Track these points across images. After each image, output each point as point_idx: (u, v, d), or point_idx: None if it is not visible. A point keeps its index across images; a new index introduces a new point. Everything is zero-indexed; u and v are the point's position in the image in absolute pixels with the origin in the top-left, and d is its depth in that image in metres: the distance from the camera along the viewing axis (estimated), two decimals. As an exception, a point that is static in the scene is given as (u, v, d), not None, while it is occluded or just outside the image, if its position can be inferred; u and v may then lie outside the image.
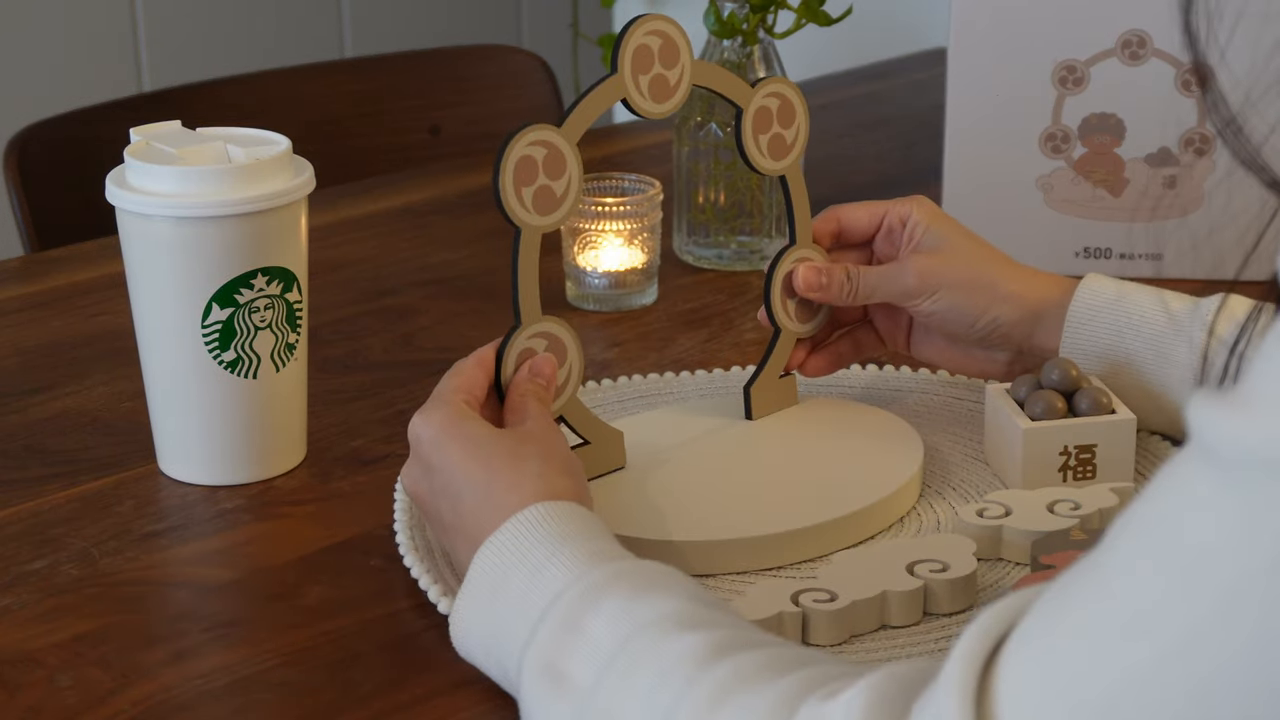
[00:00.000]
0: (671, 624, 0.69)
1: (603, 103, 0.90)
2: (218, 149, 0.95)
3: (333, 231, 1.39)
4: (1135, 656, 0.51)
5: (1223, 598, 0.49)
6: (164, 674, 0.80)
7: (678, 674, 0.67)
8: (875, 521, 0.91)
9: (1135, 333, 0.97)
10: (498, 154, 0.86)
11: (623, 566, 0.73)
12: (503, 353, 0.88)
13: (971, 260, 0.99)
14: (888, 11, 2.28)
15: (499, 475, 0.79)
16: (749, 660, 0.66)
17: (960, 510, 0.90)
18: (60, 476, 0.99)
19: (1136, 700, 0.51)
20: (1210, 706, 0.50)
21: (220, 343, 0.94)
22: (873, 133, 1.68)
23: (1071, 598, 0.54)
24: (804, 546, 0.88)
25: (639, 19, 0.91)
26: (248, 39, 2.44)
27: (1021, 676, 0.55)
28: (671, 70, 0.92)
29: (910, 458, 0.94)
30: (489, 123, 1.78)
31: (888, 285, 0.99)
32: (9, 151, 1.49)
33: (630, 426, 0.97)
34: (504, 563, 0.76)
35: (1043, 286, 0.99)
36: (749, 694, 0.64)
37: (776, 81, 0.98)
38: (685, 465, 0.95)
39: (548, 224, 0.88)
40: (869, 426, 0.99)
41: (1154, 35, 1.22)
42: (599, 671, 0.69)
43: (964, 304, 0.98)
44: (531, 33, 2.72)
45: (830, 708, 0.61)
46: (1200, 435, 0.50)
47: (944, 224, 1.00)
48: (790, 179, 1.00)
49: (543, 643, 0.71)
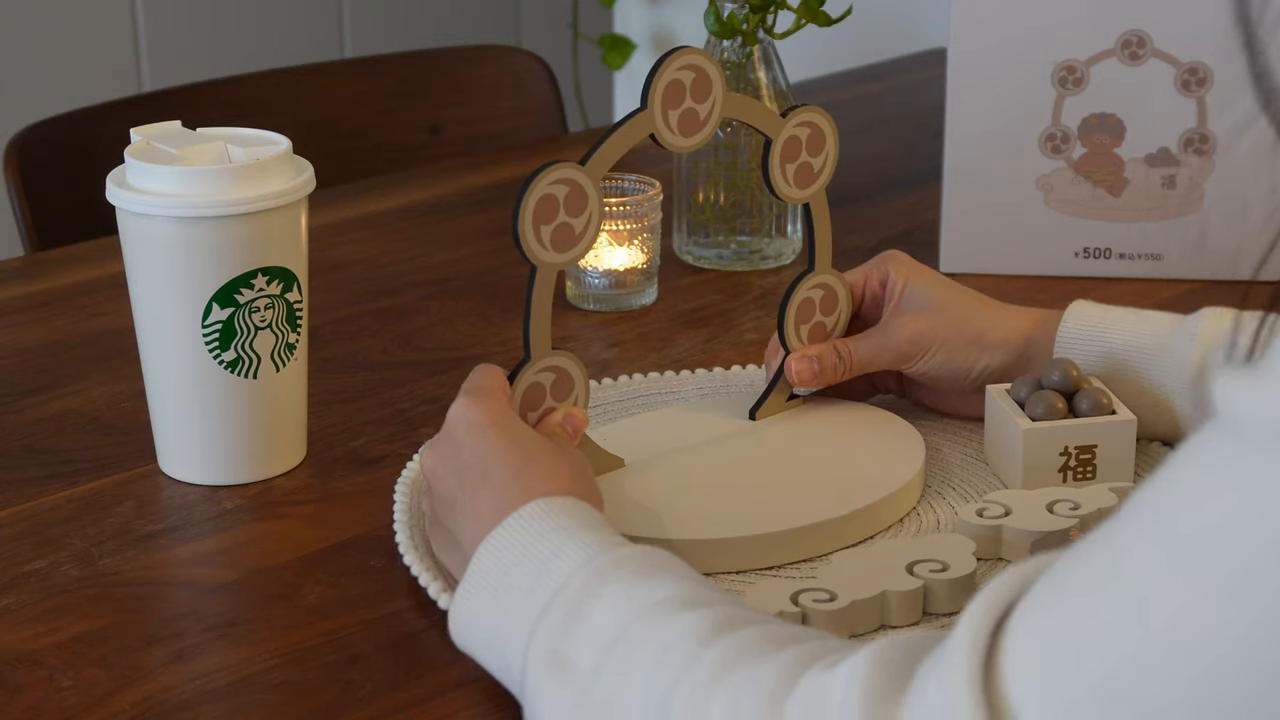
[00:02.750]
0: (672, 605, 0.70)
1: (631, 138, 0.89)
2: (218, 149, 0.95)
3: (333, 231, 1.39)
4: (1145, 630, 0.51)
5: (1237, 570, 0.49)
6: (164, 674, 0.80)
7: (678, 651, 0.67)
8: (876, 521, 0.91)
9: (1123, 353, 0.97)
10: (520, 192, 0.85)
11: (625, 552, 0.74)
12: (512, 384, 0.88)
13: (957, 315, 1.00)
14: (888, 11, 2.28)
15: (536, 463, 0.80)
16: (749, 635, 0.67)
17: (960, 510, 0.90)
18: (60, 476, 0.99)
19: (1145, 674, 0.51)
20: (1219, 681, 0.50)
21: (220, 343, 0.94)
22: (873, 133, 1.68)
23: (1082, 569, 0.55)
24: (804, 546, 0.88)
25: (675, 52, 0.89)
26: (248, 39, 2.44)
27: (1029, 647, 0.55)
28: (702, 105, 0.91)
29: (911, 458, 0.94)
30: (489, 123, 1.78)
31: (881, 354, 1.00)
32: (9, 151, 1.49)
33: (630, 426, 0.97)
34: (510, 554, 0.76)
35: (1026, 327, 1.00)
36: (750, 667, 0.65)
37: (808, 110, 0.97)
38: (685, 465, 0.95)
39: (565, 261, 0.88)
40: (870, 426, 0.99)
41: (1154, 35, 1.22)
42: (600, 656, 0.70)
43: (956, 360, 0.99)
44: (531, 33, 2.72)
45: (832, 677, 0.61)
46: (1223, 408, 0.51)
47: (923, 278, 1.01)
48: (814, 206, 0.99)
49: (546, 631, 0.72)
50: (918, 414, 1.04)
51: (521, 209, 0.85)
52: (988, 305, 1.01)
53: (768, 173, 0.96)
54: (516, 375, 0.88)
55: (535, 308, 0.88)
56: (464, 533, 0.80)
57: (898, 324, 0.99)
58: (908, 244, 1.35)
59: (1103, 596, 0.53)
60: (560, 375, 0.90)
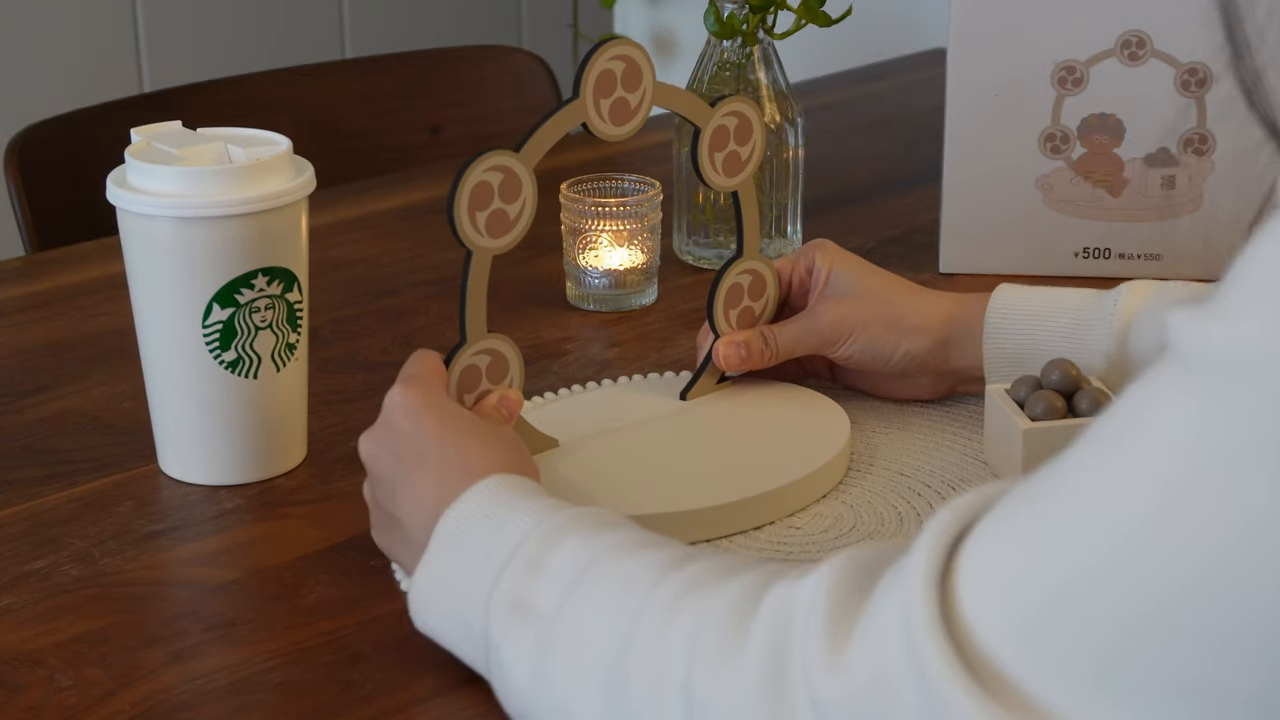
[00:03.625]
0: (632, 545, 0.72)
1: (562, 127, 0.91)
2: (218, 149, 0.95)
3: (333, 231, 1.39)
4: (1091, 543, 0.54)
5: (1178, 489, 0.52)
6: (164, 674, 0.80)
7: (642, 580, 0.69)
8: (803, 495, 0.94)
9: (1050, 329, 0.99)
10: (455, 179, 0.87)
11: (580, 511, 0.76)
12: (448, 367, 0.90)
13: (878, 300, 1.02)
14: (888, 11, 2.28)
15: (473, 442, 0.81)
16: (711, 563, 0.69)
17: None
18: (60, 476, 0.99)
19: (1092, 586, 0.54)
20: (1155, 595, 0.52)
21: (220, 343, 0.94)
22: (873, 133, 1.68)
23: (1036, 489, 0.57)
24: (732, 521, 0.91)
25: (604, 43, 0.92)
26: (248, 39, 2.44)
27: (982, 562, 0.58)
28: (633, 94, 0.93)
29: (837, 434, 0.98)
30: (489, 123, 1.78)
31: (805, 339, 1.03)
32: (9, 151, 1.49)
33: (564, 407, 1.02)
34: (468, 523, 0.77)
35: (945, 310, 1.02)
36: (714, 587, 0.67)
37: (736, 100, 1.00)
38: (617, 444, 0.97)
39: (500, 246, 0.90)
40: (796, 405, 1.02)
41: (1154, 35, 1.22)
42: (562, 595, 0.71)
43: (877, 344, 1.01)
44: (531, 33, 2.72)
45: (799, 587, 0.63)
46: (1173, 340, 0.53)
47: (847, 265, 1.04)
48: (742, 194, 1.02)
49: (507, 583, 0.73)
50: (918, 414, 1.04)
51: (457, 195, 0.87)
52: (909, 290, 1.03)
53: (697, 161, 0.99)
54: (452, 358, 0.90)
55: (471, 292, 0.90)
56: (403, 512, 0.81)
57: (821, 310, 1.02)
58: (908, 244, 1.35)
59: (1052, 513, 0.56)
60: (496, 358, 0.92)
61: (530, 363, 1.10)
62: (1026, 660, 0.55)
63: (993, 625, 0.56)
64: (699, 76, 1.28)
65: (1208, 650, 0.52)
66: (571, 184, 1.22)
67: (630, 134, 0.95)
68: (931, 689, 0.56)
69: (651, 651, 0.66)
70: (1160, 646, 0.52)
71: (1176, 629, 0.52)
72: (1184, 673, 0.52)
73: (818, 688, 0.60)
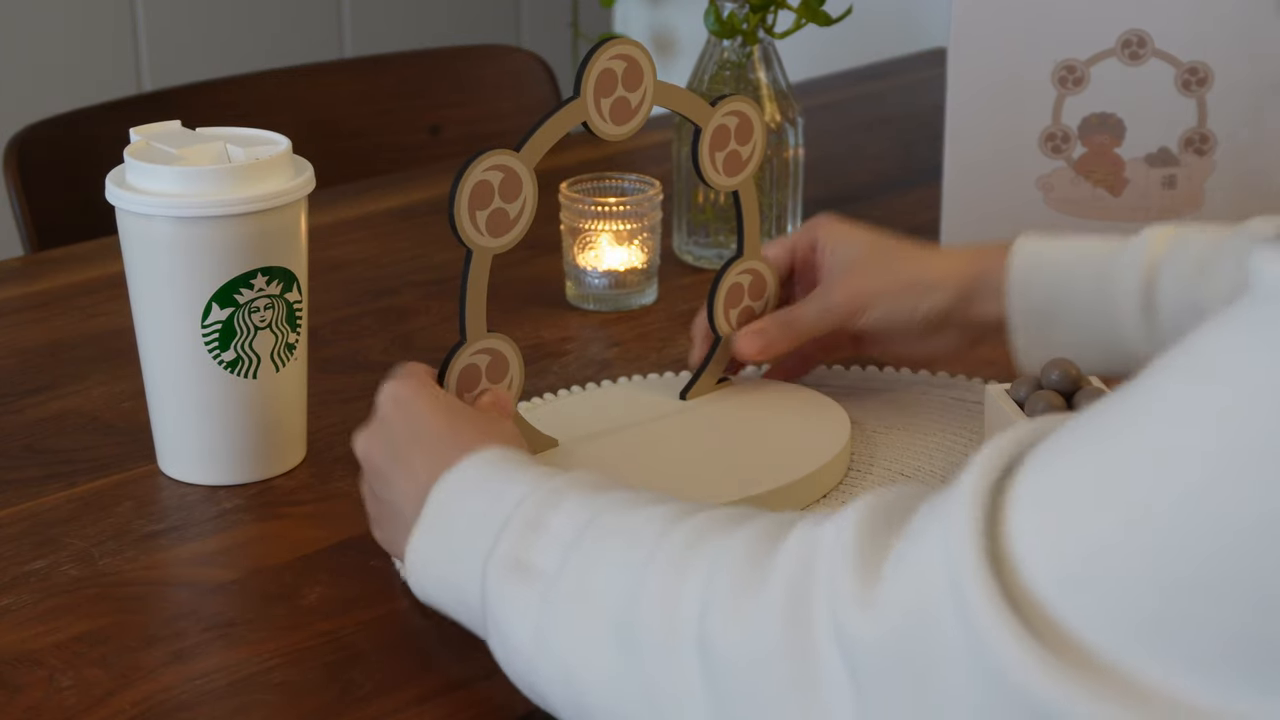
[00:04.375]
0: (634, 502, 0.71)
1: (563, 126, 0.91)
2: (218, 149, 0.95)
3: (333, 231, 1.39)
4: (1153, 492, 0.51)
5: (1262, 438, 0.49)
6: (164, 674, 0.80)
7: (646, 533, 0.67)
8: (804, 494, 0.93)
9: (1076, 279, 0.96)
10: (455, 178, 0.87)
11: (577, 474, 0.75)
12: (447, 365, 0.90)
13: (889, 265, 1.00)
14: (888, 11, 2.28)
15: (466, 424, 0.81)
16: (718, 514, 0.67)
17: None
18: (60, 477, 0.99)
19: (1155, 534, 0.51)
20: (1220, 548, 0.50)
21: (220, 343, 0.94)
22: (873, 133, 1.68)
23: (1099, 428, 0.54)
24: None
25: (605, 42, 0.92)
26: (248, 39, 2.44)
27: (1038, 498, 0.55)
28: (634, 93, 0.93)
29: (837, 433, 0.97)
30: (489, 123, 1.78)
31: (825, 317, 1.01)
32: (9, 151, 1.49)
33: (563, 407, 1.01)
34: (463, 490, 0.76)
35: (961, 264, 0.99)
36: (723, 535, 0.65)
37: (737, 100, 0.99)
38: (617, 443, 0.97)
39: (500, 245, 0.90)
40: (797, 404, 1.02)
41: (1154, 35, 1.22)
42: (563, 555, 0.70)
43: (898, 307, 0.99)
44: (531, 33, 2.72)
45: (823, 526, 0.61)
46: (1254, 276, 0.50)
47: (851, 236, 1.02)
48: (743, 194, 1.02)
49: (506, 544, 0.72)
50: (918, 414, 1.04)
51: (457, 195, 0.87)
52: (920, 250, 1.02)
53: (697, 161, 0.98)
54: (452, 357, 0.90)
55: (471, 291, 0.90)
56: (398, 493, 0.80)
57: (835, 285, 1.01)
58: (908, 244, 1.35)
59: (1116, 456, 0.53)
60: (495, 358, 0.92)
61: (530, 363, 1.10)
62: (1076, 604, 0.53)
63: (1042, 566, 0.53)
64: (699, 76, 1.28)
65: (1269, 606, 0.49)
66: (571, 184, 1.22)
67: (631, 133, 0.95)
68: (974, 628, 0.54)
69: (662, 600, 0.64)
70: (1218, 600, 0.50)
71: (1236, 583, 0.49)
72: (1243, 628, 0.50)
73: (847, 627, 0.57)
